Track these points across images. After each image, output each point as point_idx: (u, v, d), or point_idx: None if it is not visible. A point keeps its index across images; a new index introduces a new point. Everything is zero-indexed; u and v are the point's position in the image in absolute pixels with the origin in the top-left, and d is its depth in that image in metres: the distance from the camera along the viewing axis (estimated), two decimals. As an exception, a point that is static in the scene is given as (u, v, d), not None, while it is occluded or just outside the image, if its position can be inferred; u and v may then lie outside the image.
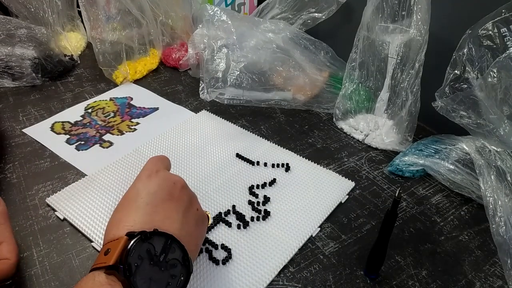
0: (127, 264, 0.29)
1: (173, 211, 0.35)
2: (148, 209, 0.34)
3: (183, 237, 0.33)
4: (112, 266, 0.29)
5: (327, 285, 0.44)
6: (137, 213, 0.34)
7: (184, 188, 0.39)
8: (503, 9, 0.49)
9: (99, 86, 0.79)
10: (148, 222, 0.33)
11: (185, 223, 0.36)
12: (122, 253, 0.30)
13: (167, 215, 0.35)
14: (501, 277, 0.45)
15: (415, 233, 0.50)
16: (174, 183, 0.38)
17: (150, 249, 0.31)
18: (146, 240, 0.31)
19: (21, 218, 0.50)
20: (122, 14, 0.80)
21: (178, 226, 0.34)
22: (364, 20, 0.62)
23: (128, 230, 0.32)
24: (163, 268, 0.30)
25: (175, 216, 0.35)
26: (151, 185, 0.36)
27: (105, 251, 0.31)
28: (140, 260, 0.30)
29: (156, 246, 0.31)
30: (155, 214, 0.34)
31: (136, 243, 0.30)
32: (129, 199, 0.36)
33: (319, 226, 0.50)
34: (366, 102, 0.67)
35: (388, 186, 0.57)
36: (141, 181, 0.37)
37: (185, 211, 0.36)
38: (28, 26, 0.79)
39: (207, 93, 0.67)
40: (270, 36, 0.70)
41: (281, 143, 0.65)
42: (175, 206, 0.36)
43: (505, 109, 0.49)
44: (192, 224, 0.37)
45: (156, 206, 0.35)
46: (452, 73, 0.53)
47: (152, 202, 0.35)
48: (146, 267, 0.30)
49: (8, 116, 0.69)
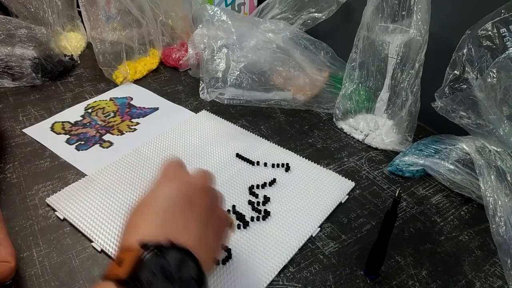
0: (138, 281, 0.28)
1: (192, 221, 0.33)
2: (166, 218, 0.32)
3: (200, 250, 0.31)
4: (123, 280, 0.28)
5: (327, 285, 0.44)
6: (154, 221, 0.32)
7: (206, 192, 0.36)
8: (503, 10, 0.49)
9: (99, 86, 0.79)
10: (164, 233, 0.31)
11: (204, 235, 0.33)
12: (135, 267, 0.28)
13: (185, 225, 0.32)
14: (501, 277, 0.45)
15: (415, 233, 0.50)
16: (195, 189, 0.35)
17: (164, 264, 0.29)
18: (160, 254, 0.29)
19: (21, 218, 0.50)
20: (122, 14, 0.80)
21: (194, 237, 0.32)
22: (364, 20, 0.62)
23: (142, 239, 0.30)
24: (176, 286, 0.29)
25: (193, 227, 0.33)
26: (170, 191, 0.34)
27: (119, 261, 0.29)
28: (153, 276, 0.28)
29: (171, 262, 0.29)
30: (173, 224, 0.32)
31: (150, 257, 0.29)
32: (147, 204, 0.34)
33: (319, 226, 0.50)
34: (366, 102, 0.67)
35: (388, 186, 0.57)
36: (159, 185, 0.35)
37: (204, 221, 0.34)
38: (28, 26, 0.79)
39: (207, 93, 0.67)
40: (270, 36, 0.70)
41: (281, 143, 0.65)
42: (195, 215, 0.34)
43: (504, 110, 0.49)
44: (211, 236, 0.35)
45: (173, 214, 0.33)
46: (452, 74, 0.53)
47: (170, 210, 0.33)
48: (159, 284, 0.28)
49: (8, 116, 0.69)
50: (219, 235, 0.37)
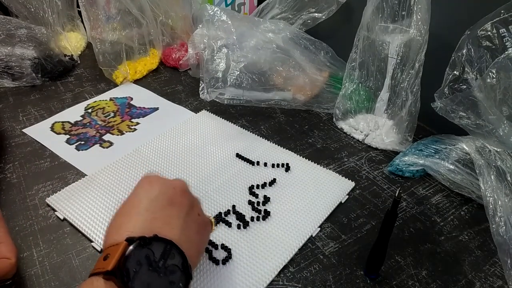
0: (125, 270, 0.29)
1: (173, 217, 0.35)
2: (148, 215, 0.34)
3: (183, 242, 0.33)
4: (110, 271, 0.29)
5: (327, 285, 0.44)
6: (137, 219, 0.34)
7: (185, 193, 0.38)
8: (502, 10, 0.49)
9: (99, 86, 0.79)
10: (147, 228, 0.33)
11: (186, 229, 0.35)
12: (121, 258, 0.29)
13: (167, 221, 0.35)
14: (501, 277, 0.45)
15: (415, 233, 0.50)
16: (174, 188, 0.38)
17: (149, 254, 0.30)
18: (145, 245, 0.31)
19: (21, 218, 0.50)
20: (122, 14, 0.80)
21: (178, 232, 0.34)
22: (364, 20, 0.62)
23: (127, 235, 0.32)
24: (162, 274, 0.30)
25: (175, 222, 0.35)
26: (152, 191, 0.36)
27: (105, 256, 0.31)
28: (138, 265, 0.30)
29: (156, 252, 0.31)
30: (155, 220, 0.34)
31: (135, 248, 0.30)
32: (129, 205, 0.36)
33: (319, 226, 0.50)
34: (366, 102, 0.67)
35: (388, 186, 0.57)
36: (142, 187, 0.37)
37: (185, 217, 0.36)
38: (28, 26, 0.79)
39: (207, 93, 0.67)
40: (270, 36, 0.70)
41: (281, 143, 0.65)
42: (176, 212, 0.36)
43: (504, 110, 0.49)
44: (193, 230, 0.37)
45: (156, 212, 0.35)
46: (451, 74, 0.53)
47: (152, 208, 0.35)
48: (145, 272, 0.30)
49: (8, 116, 0.69)
50: (201, 230, 0.38)
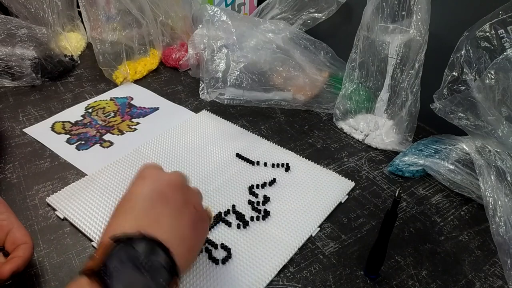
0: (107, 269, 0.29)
1: (163, 214, 0.35)
2: (136, 214, 0.34)
3: (172, 239, 0.33)
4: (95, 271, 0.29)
5: (327, 285, 0.44)
6: (125, 218, 0.34)
7: (178, 187, 0.37)
8: (500, 11, 0.49)
9: (99, 86, 0.79)
10: (134, 226, 0.33)
11: (176, 226, 0.35)
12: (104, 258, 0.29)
13: (156, 219, 0.34)
14: (501, 277, 0.45)
15: (415, 233, 0.50)
16: (168, 183, 0.37)
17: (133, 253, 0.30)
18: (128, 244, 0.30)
19: (21, 218, 0.50)
20: (122, 14, 0.80)
21: (167, 229, 0.34)
22: (364, 20, 0.62)
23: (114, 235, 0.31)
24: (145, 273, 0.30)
25: (164, 220, 0.34)
26: (143, 188, 0.36)
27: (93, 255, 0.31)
28: (121, 264, 0.29)
29: (140, 251, 0.30)
30: (145, 218, 0.34)
31: (117, 247, 0.30)
32: (121, 204, 0.36)
33: (319, 226, 0.50)
34: (366, 102, 0.67)
35: (388, 186, 0.57)
36: (134, 184, 0.37)
37: (177, 214, 0.36)
38: (28, 26, 0.79)
39: (207, 93, 0.67)
40: (270, 36, 0.70)
41: (281, 143, 0.65)
42: (167, 209, 0.35)
43: (503, 111, 0.49)
44: (186, 227, 0.36)
45: (145, 209, 0.34)
46: (450, 75, 0.53)
47: (141, 206, 0.35)
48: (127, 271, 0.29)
49: (8, 116, 0.69)
50: (197, 227, 0.38)
